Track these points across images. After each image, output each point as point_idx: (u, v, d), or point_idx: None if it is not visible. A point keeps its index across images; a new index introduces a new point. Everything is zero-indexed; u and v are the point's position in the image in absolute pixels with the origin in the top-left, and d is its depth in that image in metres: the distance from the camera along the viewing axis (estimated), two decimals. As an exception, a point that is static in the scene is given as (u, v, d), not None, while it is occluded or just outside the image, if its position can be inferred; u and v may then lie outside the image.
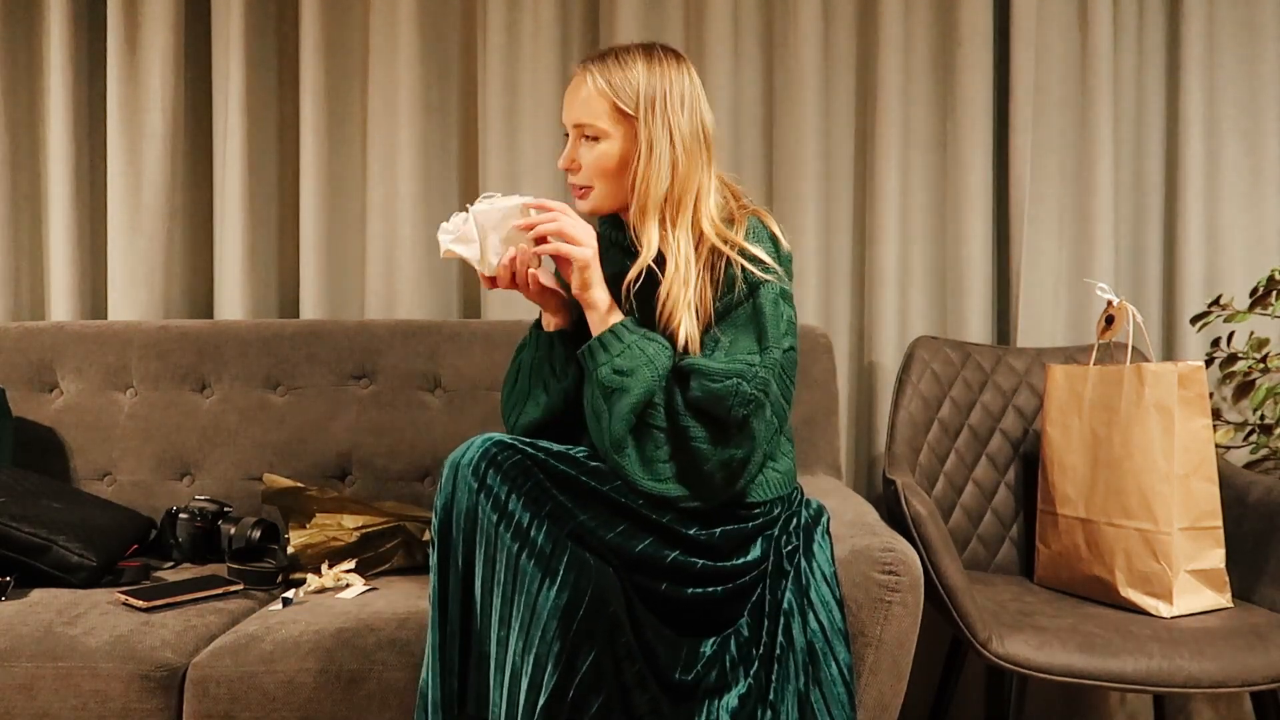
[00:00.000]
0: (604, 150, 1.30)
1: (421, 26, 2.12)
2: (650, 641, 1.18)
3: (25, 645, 1.35)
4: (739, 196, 1.37)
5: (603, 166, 1.31)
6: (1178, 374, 1.58)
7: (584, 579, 1.12)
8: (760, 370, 1.23)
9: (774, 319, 1.26)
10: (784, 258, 1.32)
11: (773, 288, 1.27)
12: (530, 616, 1.11)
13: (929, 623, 1.38)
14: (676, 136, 1.29)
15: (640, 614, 1.19)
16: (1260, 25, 2.06)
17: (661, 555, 1.21)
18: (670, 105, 1.29)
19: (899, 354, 2.06)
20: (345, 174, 2.17)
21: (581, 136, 1.32)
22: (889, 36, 2.07)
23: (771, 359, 1.24)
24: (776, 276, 1.28)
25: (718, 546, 1.25)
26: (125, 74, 2.12)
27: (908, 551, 1.29)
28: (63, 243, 2.15)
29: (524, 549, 1.13)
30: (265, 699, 1.30)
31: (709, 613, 1.24)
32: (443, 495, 1.19)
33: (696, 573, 1.23)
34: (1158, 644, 1.43)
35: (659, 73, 1.29)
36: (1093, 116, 2.04)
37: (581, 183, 1.34)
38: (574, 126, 1.32)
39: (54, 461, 1.95)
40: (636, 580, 1.20)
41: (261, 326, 2.00)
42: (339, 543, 1.64)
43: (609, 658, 1.12)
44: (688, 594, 1.22)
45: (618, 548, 1.19)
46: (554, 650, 1.10)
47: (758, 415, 1.22)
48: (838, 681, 1.21)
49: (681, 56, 1.33)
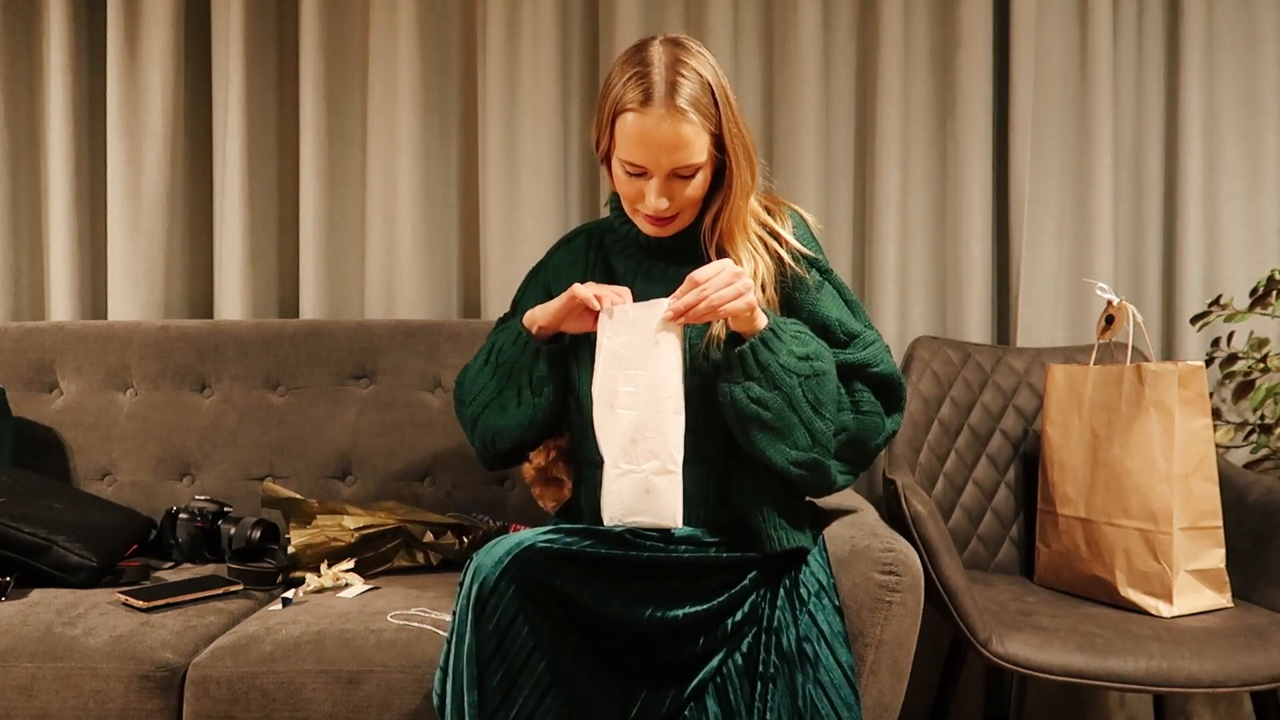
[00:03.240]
0: (701, 179, 1.26)
1: (421, 26, 2.12)
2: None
3: (25, 645, 1.35)
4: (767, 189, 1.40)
5: (699, 195, 1.28)
6: (1178, 374, 1.58)
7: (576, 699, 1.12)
8: (882, 346, 1.33)
9: (853, 294, 1.38)
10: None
11: (833, 270, 1.38)
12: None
13: (929, 623, 1.39)
14: (742, 128, 1.27)
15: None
16: (1260, 25, 2.06)
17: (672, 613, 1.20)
18: (729, 96, 1.26)
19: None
20: (345, 174, 2.17)
21: (675, 176, 1.25)
22: (889, 36, 2.07)
23: (876, 332, 1.35)
24: (826, 260, 1.37)
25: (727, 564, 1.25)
26: (125, 73, 2.12)
27: (908, 552, 1.29)
28: (63, 242, 2.15)
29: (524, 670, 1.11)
30: (265, 699, 1.30)
31: (698, 633, 1.21)
32: (464, 590, 1.14)
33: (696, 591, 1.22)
34: (1158, 644, 1.43)
35: (707, 68, 1.24)
36: (1093, 116, 2.04)
37: (672, 212, 1.28)
38: (671, 170, 1.24)
39: (54, 461, 1.95)
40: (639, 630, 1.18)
41: (261, 326, 2.00)
42: (339, 543, 1.64)
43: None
44: (680, 615, 1.19)
45: (624, 622, 1.16)
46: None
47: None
48: (843, 685, 1.21)
49: (693, 38, 1.29)
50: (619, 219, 1.37)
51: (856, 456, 1.31)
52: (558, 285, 1.40)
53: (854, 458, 1.30)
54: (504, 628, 1.09)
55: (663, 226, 1.30)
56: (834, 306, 1.33)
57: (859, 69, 2.13)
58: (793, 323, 1.27)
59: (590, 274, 1.41)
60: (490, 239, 2.14)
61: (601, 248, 1.44)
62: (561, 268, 1.46)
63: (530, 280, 1.52)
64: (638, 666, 1.17)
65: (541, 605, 1.11)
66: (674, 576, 1.21)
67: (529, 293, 1.49)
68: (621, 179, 1.27)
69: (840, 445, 1.27)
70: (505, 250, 2.12)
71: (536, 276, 1.51)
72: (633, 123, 1.22)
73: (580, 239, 1.48)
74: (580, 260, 1.44)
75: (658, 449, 1.19)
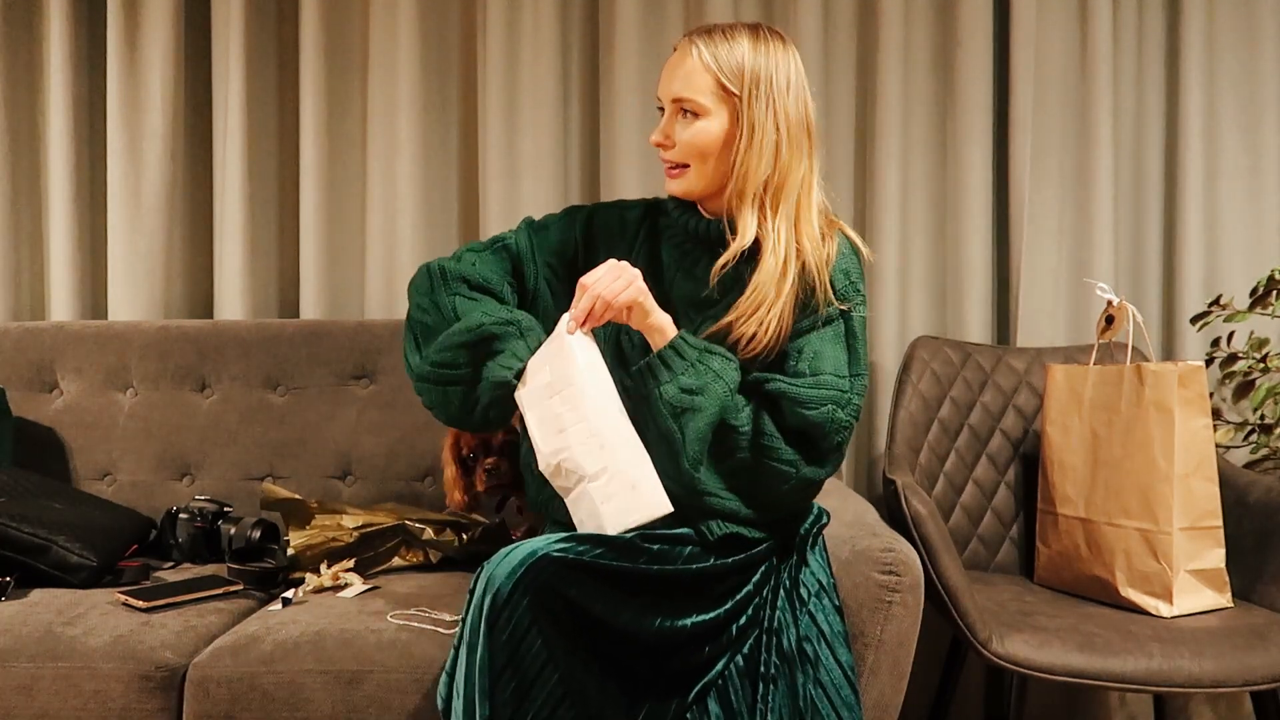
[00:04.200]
0: (703, 127, 1.24)
1: (422, 26, 2.11)
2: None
3: (25, 645, 1.35)
4: (825, 208, 1.32)
5: (701, 145, 1.25)
6: (1178, 374, 1.58)
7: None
8: (854, 397, 1.23)
9: (864, 344, 1.27)
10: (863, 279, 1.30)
11: (862, 310, 1.27)
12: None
13: (929, 623, 1.38)
14: (780, 120, 1.23)
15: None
16: (1260, 25, 2.06)
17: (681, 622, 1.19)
18: (776, 86, 1.23)
19: (899, 354, 2.06)
20: (345, 174, 2.17)
21: (680, 111, 1.25)
22: (889, 36, 2.07)
23: (861, 385, 1.25)
24: (863, 299, 1.28)
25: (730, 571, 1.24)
26: (125, 73, 2.12)
27: (908, 552, 1.29)
28: (63, 242, 2.15)
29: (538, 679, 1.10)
30: (265, 699, 1.30)
31: (705, 641, 1.21)
32: (475, 596, 1.13)
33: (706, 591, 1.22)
34: (1158, 644, 1.43)
35: (765, 52, 1.24)
36: (1093, 116, 2.04)
37: (676, 159, 1.27)
38: (673, 101, 1.25)
39: (54, 461, 1.95)
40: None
41: (261, 326, 2.00)
42: (339, 543, 1.64)
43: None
44: (689, 625, 1.19)
45: (634, 632, 1.16)
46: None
47: (848, 440, 1.23)
48: (843, 685, 1.21)
49: (787, 39, 1.27)
50: (674, 201, 1.35)
51: (761, 498, 1.24)
52: (603, 246, 1.36)
53: (759, 498, 1.24)
54: (517, 639, 1.08)
55: (672, 178, 1.29)
56: (825, 342, 1.24)
57: (859, 69, 2.13)
58: (698, 344, 1.22)
59: (635, 254, 1.36)
60: (490, 239, 2.13)
61: (655, 230, 1.39)
62: (612, 231, 1.39)
63: (569, 218, 1.41)
64: (644, 676, 1.16)
65: (555, 616, 1.10)
66: (683, 587, 1.20)
67: (557, 226, 1.40)
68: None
69: (738, 481, 1.23)
70: (505, 250, 2.12)
71: (576, 219, 1.40)
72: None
73: (638, 210, 1.42)
74: (630, 234, 1.39)
75: (618, 445, 1.18)
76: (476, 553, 1.63)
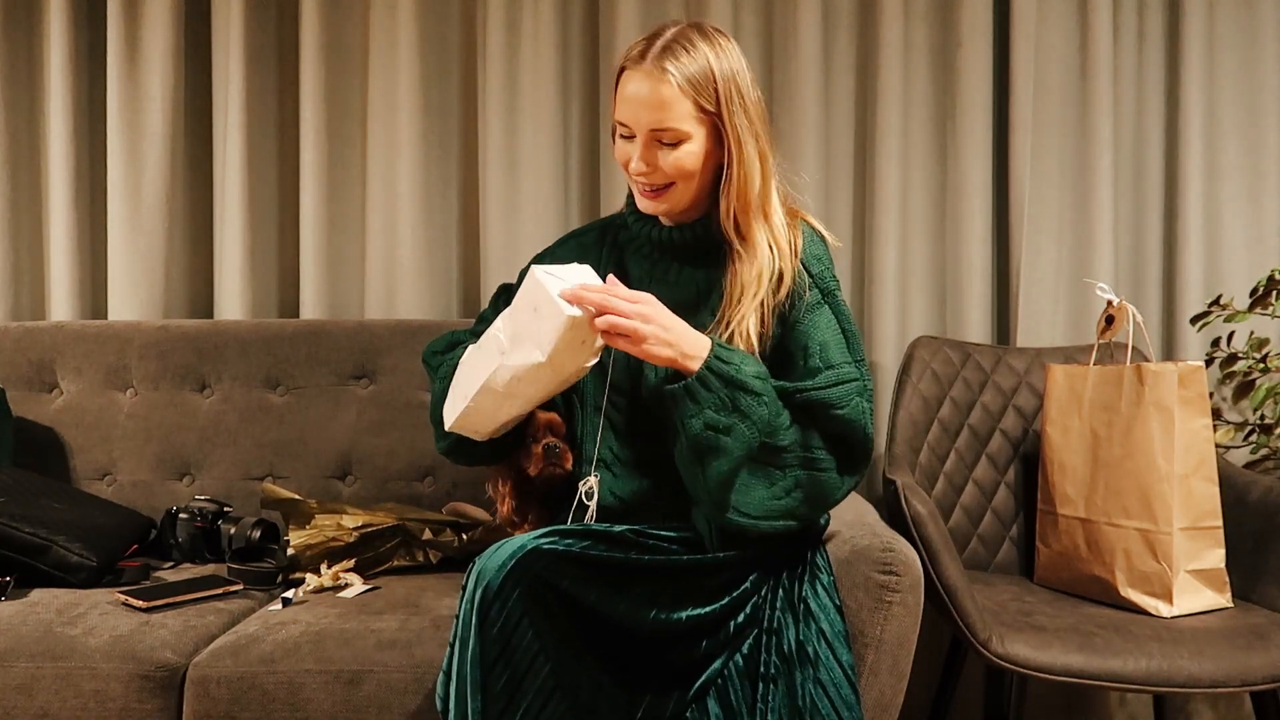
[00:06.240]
0: (689, 151, 1.22)
1: (421, 26, 2.12)
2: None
3: (25, 645, 1.35)
4: (786, 195, 1.32)
5: (688, 167, 1.23)
6: (1178, 374, 1.58)
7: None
8: (867, 382, 1.25)
9: (856, 327, 1.28)
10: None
11: (839, 295, 1.29)
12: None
13: (929, 623, 1.38)
14: (754, 120, 1.23)
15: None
16: (1260, 25, 2.06)
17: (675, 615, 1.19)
18: (741, 88, 1.22)
19: (899, 354, 2.06)
20: (345, 174, 2.17)
21: (657, 141, 1.23)
22: (889, 36, 2.07)
23: (866, 367, 1.26)
24: (838, 285, 1.29)
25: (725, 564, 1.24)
26: (125, 73, 2.12)
27: (908, 552, 1.29)
28: (63, 242, 2.15)
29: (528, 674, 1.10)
30: (265, 699, 1.30)
31: (701, 636, 1.21)
32: (468, 593, 1.13)
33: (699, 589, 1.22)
34: (1158, 644, 1.43)
35: (721, 54, 1.21)
36: (1093, 116, 2.04)
37: (660, 182, 1.25)
38: (650, 131, 1.22)
39: (54, 461, 1.95)
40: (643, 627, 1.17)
41: (261, 326, 2.00)
42: (339, 543, 1.64)
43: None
44: (684, 618, 1.19)
45: (633, 625, 1.16)
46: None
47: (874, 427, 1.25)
48: (843, 684, 1.21)
49: (724, 32, 1.26)
50: (633, 215, 1.35)
51: (812, 513, 1.25)
52: None
53: (809, 514, 1.24)
54: (508, 632, 1.08)
55: (654, 200, 1.27)
56: (824, 330, 1.25)
57: (859, 69, 2.13)
58: (736, 369, 1.17)
59: (602, 273, 1.36)
60: (490, 239, 2.13)
61: (616, 245, 1.41)
62: (569, 261, 1.40)
63: (524, 273, 1.46)
64: (641, 670, 1.17)
65: (546, 608, 1.11)
66: (677, 579, 1.20)
67: (519, 284, 1.42)
68: (617, 143, 1.28)
69: (790, 501, 1.21)
70: (505, 250, 2.12)
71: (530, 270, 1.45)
72: (624, 79, 1.23)
73: (593, 234, 1.45)
74: (591, 257, 1.39)
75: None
76: (476, 553, 1.63)
